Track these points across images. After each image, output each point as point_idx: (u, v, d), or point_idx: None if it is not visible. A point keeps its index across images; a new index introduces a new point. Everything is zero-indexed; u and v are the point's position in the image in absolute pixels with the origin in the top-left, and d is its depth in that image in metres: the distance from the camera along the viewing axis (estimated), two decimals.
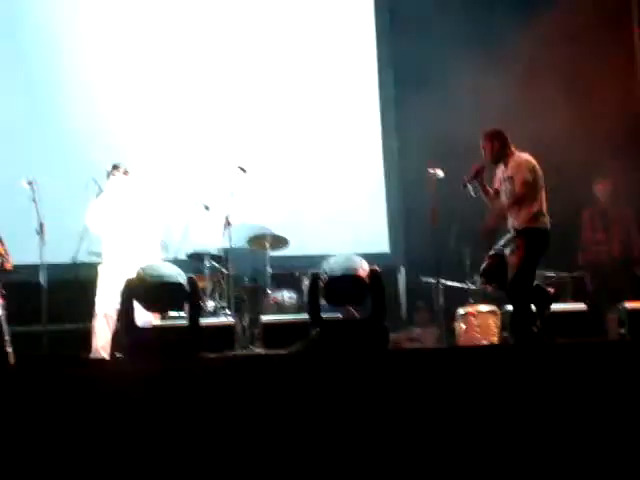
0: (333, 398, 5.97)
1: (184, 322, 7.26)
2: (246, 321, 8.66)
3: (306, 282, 8.73)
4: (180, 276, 7.15)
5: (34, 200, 7.61)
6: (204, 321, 7.90)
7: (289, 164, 10.20)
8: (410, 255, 10.04)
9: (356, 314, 7.92)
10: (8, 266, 7.62)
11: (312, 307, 7.09)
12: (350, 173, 10.26)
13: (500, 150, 7.30)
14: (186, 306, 7.21)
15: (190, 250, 8.96)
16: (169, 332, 7.34)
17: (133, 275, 7.08)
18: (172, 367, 6.67)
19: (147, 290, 7.18)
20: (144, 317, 7.39)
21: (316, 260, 7.51)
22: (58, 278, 7.99)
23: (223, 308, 8.71)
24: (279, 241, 9.17)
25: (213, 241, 8.88)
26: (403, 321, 9.69)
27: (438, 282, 8.55)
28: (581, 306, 7.90)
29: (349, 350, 6.81)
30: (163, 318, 8.12)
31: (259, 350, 7.68)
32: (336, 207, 10.00)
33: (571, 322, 7.65)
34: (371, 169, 10.43)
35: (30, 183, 7.66)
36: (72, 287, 8.61)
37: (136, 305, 7.07)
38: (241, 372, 6.66)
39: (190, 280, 7.19)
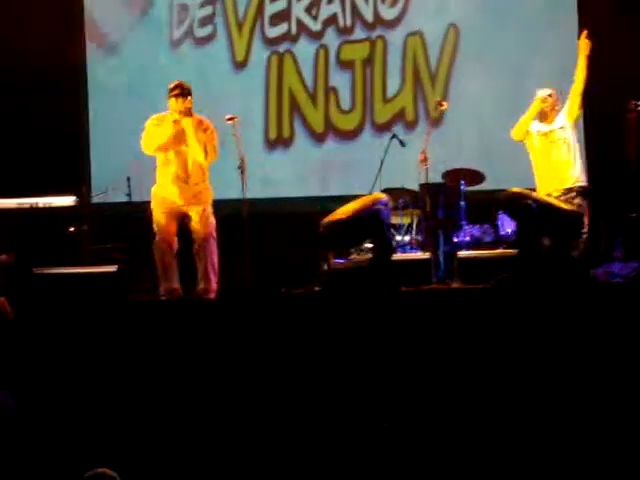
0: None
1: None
2: (442, 256, 8.66)
3: (501, 216, 8.70)
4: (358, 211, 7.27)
5: (234, 135, 7.80)
6: (399, 256, 8.00)
7: (485, 98, 10.02)
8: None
9: None
10: None
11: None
12: None
13: None
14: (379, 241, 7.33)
15: (385, 185, 9.00)
16: (365, 266, 7.45)
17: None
18: (368, 299, 6.82)
19: (339, 227, 7.33)
20: None
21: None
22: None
23: (419, 243, 8.75)
24: (475, 176, 9.10)
25: (409, 176, 8.90)
26: None
27: None
28: None
29: None
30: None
31: (456, 284, 7.68)
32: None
33: None
34: None
35: (231, 119, 7.84)
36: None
37: None
38: (438, 305, 6.74)
39: (372, 213, 7.27)
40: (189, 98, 7.39)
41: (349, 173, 9.99)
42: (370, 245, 7.76)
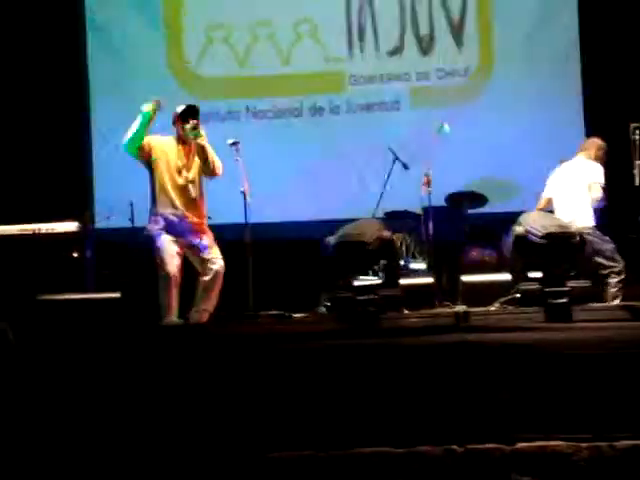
0: None
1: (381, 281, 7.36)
2: (445, 280, 8.65)
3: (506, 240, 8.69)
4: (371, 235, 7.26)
5: (237, 160, 7.79)
6: (403, 280, 7.98)
7: (488, 122, 10.02)
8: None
9: None
10: None
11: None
12: (548, 133, 9.96)
13: None
14: (386, 265, 7.32)
15: (389, 209, 9.01)
16: (369, 290, 7.43)
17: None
18: (374, 324, 6.79)
19: (345, 249, 7.33)
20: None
21: (516, 217, 7.45)
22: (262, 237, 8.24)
23: (422, 267, 8.74)
24: (478, 199, 9.10)
25: (412, 200, 8.90)
26: None
27: None
28: None
29: None
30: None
31: (460, 308, 7.66)
32: (533, 164, 9.80)
33: None
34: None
35: (234, 143, 7.83)
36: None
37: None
38: (442, 329, 6.69)
39: (383, 239, 7.28)
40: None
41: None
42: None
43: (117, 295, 7.42)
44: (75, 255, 8.30)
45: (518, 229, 7.20)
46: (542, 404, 4.74)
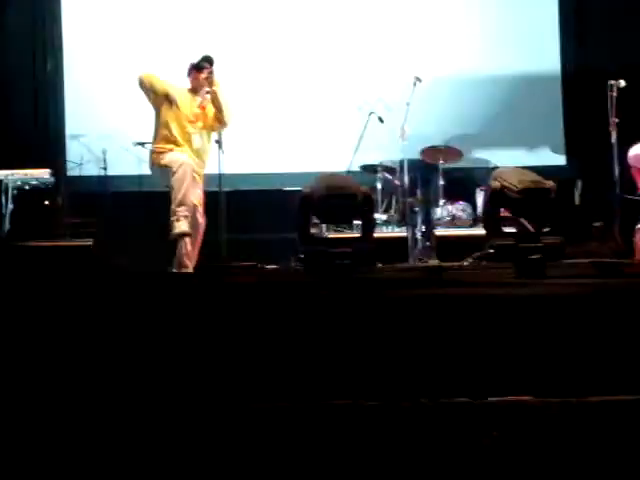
0: None
1: (357, 234, 7.34)
2: (419, 234, 8.65)
3: (479, 195, 8.69)
4: (355, 188, 7.22)
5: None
6: (377, 234, 7.98)
7: (466, 72, 9.96)
8: (587, 168, 9.79)
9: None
10: None
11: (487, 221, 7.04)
12: (527, 81, 9.96)
13: None
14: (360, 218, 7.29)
15: (363, 162, 8.99)
16: (343, 243, 7.42)
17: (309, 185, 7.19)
18: (349, 277, 6.78)
19: (322, 201, 7.29)
20: None
21: (490, 172, 7.45)
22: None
23: (396, 221, 8.74)
24: (453, 153, 9.09)
25: (387, 153, 8.88)
26: (579, 235, 9.48)
27: (617, 196, 8.32)
28: None
29: None
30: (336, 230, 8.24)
31: (433, 262, 7.68)
32: (513, 118, 9.79)
33: None
34: (549, 77, 10.12)
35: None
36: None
37: None
38: (415, 283, 6.70)
39: (364, 192, 7.25)
40: None
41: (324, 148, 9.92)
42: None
43: (89, 243, 7.38)
44: (47, 203, 8.24)
45: (494, 184, 7.18)
46: (512, 360, 4.78)
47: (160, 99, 7.43)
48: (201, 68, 7.51)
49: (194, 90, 7.59)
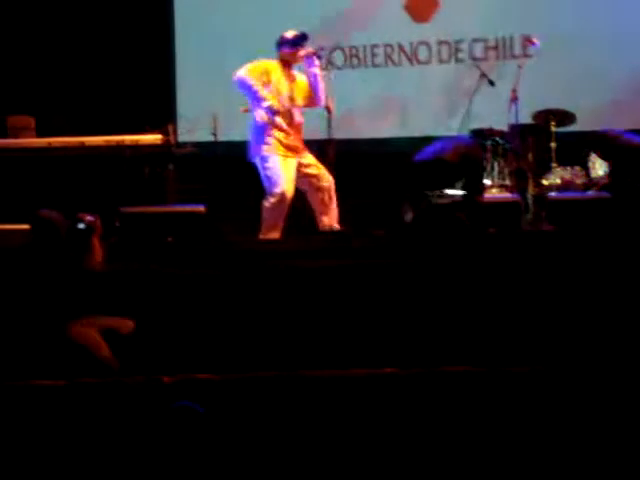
0: None
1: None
2: (531, 198, 8.50)
3: (593, 158, 8.50)
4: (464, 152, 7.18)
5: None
6: (488, 197, 7.89)
7: (582, 31, 9.71)
8: None
9: None
10: None
11: None
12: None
13: None
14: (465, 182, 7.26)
15: (474, 126, 8.86)
16: (453, 207, 7.37)
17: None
18: (458, 241, 6.74)
19: (427, 166, 7.27)
20: None
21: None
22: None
23: (507, 185, 8.61)
24: (566, 117, 8.88)
25: (497, 117, 8.73)
26: None
27: None
28: None
29: None
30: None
31: (546, 227, 7.56)
32: (619, 80, 9.50)
33: None
34: None
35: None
36: None
37: None
38: (528, 248, 6.63)
39: (473, 156, 7.20)
40: None
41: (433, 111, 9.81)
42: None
43: (201, 209, 7.44)
44: (158, 169, 8.33)
45: None
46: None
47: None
48: (299, 45, 7.52)
49: (287, 64, 7.59)
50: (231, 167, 8.84)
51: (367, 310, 6.06)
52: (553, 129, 8.72)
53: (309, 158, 7.63)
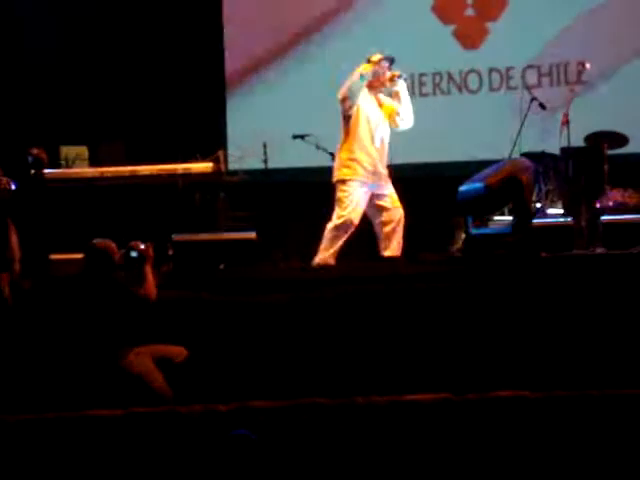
0: None
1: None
2: (584, 221, 8.42)
3: None
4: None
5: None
6: (540, 222, 7.84)
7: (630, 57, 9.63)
8: None
9: None
10: None
11: None
12: None
13: None
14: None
15: (525, 149, 8.81)
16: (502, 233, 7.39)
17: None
18: (510, 265, 6.72)
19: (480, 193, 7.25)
20: None
21: None
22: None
23: (560, 209, 8.54)
24: (618, 139, 8.80)
25: (549, 140, 8.68)
26: None
27: None
28: None
29: None
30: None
31: (599, 251, 7.48)
32: None
33: None
34: None
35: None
36: None
37: None
38: (582, 272, 6.57)
39: (523, 180, 7.17)
40: None
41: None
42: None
43: (252, 235, 7.46)
44: (209, 196, 8.37)
45: None
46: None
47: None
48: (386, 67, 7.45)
49: (371, 87, 7.50)
50: (282, 194, 8.87)
51: (420, 336, 6.03)
52: (606, 151, 8.65)
53: (386, 189, 7.48)
